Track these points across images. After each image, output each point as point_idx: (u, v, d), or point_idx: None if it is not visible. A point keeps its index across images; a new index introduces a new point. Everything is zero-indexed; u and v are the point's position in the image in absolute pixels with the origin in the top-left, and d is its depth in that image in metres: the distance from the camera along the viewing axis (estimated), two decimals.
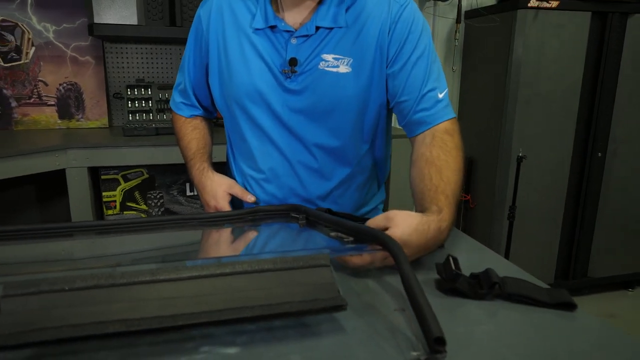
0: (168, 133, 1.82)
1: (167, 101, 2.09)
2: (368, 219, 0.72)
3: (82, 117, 2.11)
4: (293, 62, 0.89)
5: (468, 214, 2.67)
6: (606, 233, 2.52)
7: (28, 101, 2.04)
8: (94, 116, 2.12)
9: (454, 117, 0.91)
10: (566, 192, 2.43)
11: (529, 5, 2.17)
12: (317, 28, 0.89)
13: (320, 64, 0.89)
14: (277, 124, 0.94)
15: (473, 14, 2.49)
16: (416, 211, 0.77)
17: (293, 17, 0.90)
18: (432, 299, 0.51)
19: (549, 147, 2.33)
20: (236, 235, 0.83)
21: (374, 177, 1.07)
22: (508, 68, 2.26)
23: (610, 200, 2.47)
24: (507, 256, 2.34)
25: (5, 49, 1.99)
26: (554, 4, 2.21)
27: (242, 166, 1.03)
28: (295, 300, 0.50)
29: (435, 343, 0.46)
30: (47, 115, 2.07)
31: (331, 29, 0.89)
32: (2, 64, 1.99)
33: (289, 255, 0.54)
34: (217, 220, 0.86)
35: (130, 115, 2.06)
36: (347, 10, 0.89)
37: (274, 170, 0.97)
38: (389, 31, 0.89)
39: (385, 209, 1.12)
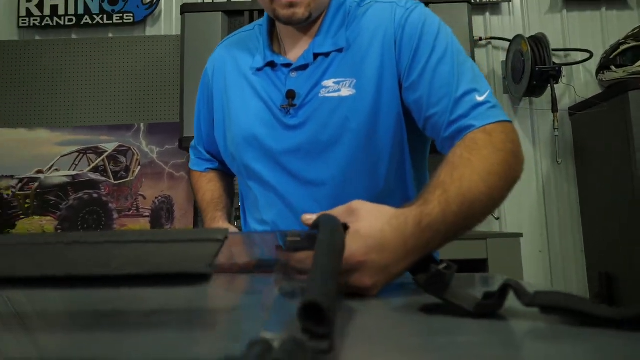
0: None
1: None
2: None
3: (170, 227, 2.21)
4: (290, 94, 0.78)
5: None
6: None
7: (127, 213, 2.22)
8: (181, 226, 2.21)
9: (504, 121, 0.68)
10: None
11: None
12: (316, 56, 0.80)
13: (321, 91, 0.78)
14: (276, 168, 0.81)
15: (579, 107, 2.23)
16: None
17: (294, 52, 0.84)
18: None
19: None
20: None
21: None
22: (632, 155, 1.89)
23: None
24: None
25: (117, 169, 2.27)
26: None
27: (249, 220, 0.90)
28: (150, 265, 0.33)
29: (305, 315, 0.24)
30: (141, 225, 2.21)
31: (329, 53, 0.79)
32: (113, 181, 2.25)
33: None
34: None
35: None
36: (347, 28, 0.80)
37: (276, 223, 0.82)
38: (396, 39, 0.76)
39: None
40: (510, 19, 2.44)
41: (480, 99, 0.69)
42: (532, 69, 2.02)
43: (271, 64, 0.83)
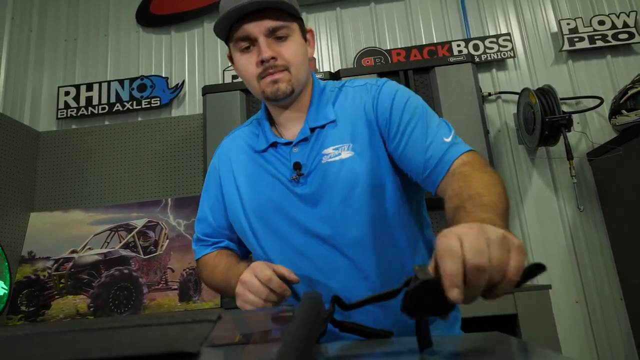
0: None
1: None
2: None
3: (198, 299, 2.24)
4: (297, 166, 0.90)
5: None
6: None
7: (157, 287, 2.27)
8: (209, 297, 2.24)
9: (470, 150, 0.84)
10: None
11: None
12: (312, 130, 0.92)
13: (323, 158, 0.89)
14: (296, 229, 0.89)
15: (597, 152, 2.23)
16: None
17: (290, 131, 0.96)
18: None
19: None
20: None
21: None
22: None
23: None
24: None
25: (146, 244, 2.36)
26: None
27: None
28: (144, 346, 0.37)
29: None
30: (170, 299, 2.25)
31: (324, 126, 0.92)
32: (142, 256, 2.33)
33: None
34: None
35: None
36: (333, 105, 0.95)
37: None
38: (373, 107, 0.91)
39: None
40: (517, 73, 2.51)
41: (446, 139, 0.85)
42: (542, 119, 2.05)
43: (273, 145, 0.95)
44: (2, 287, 2.08)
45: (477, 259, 0.45)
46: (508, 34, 2.51)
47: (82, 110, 2.66)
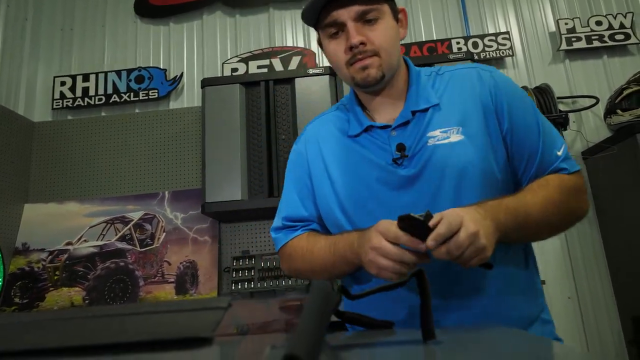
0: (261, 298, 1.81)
1: (267, 269, 2.15)
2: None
3: (195, 292, 2.24)
4: (401, 147, 0.85)
5: None
6: None
7: (153, 280, 2.27)
8: (205, 290, 2.24)
9: (576, 171, 0.88)
10: None
11: None
12: (414, 113, 0.88)
13: (429, 141, 0.85)
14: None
15: (591, 151, 2.25)
16: None
17: (384, 116, 0.91)
18: None
19: None
20: None
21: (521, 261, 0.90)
22: None
23: None
24: None
25: (143, 237, 2.35)
26: None
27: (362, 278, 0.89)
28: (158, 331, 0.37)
29: None
30: (166, 292, 2.25)
31: (427, 109, 0.88)
32: (139, 249, 2.33)
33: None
34: None
35: (233, 284, 2.13)
36: (433, 87, 0.90)
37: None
38: (491, 93, 0.87)
39: None
40: (515, 71, 2.52)
41: (559, 153, 0.88)
42: None
43: (368, 129, 0.91)
44: None
45: (453, 250, 0.67)
46: (507, 33, 2.52)
47: (78, 101, 2.64)
